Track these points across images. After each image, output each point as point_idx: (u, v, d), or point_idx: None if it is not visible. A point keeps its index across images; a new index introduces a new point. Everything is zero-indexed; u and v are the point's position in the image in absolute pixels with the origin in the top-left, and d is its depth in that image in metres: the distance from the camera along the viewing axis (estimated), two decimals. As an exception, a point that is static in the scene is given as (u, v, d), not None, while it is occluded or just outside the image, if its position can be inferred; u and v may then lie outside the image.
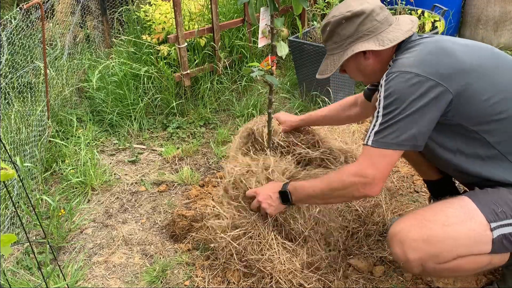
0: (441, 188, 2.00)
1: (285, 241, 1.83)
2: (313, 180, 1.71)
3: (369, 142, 1.46)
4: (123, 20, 4.28)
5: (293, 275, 1.78)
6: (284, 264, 1.78)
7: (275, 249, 1.79)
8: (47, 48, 3.19)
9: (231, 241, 1.84)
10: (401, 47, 1.58)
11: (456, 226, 1.42)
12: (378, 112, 1.46)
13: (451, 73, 1.42)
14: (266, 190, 1.78)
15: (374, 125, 1.46)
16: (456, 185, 2.04)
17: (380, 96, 1.47)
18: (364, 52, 1.60)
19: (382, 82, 1.48)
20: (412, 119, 1.41)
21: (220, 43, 3.47)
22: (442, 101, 1.41)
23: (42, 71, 2.90)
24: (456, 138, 1.51)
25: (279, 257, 1.78)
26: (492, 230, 1.41)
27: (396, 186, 2.38)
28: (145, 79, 3.26)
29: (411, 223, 1.47)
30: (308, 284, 1.81)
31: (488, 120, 1.45)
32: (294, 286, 1.80)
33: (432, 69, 1.42)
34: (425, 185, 2.15)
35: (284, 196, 1.72)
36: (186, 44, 3.24)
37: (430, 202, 2.12)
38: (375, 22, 1.57)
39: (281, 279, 1.77)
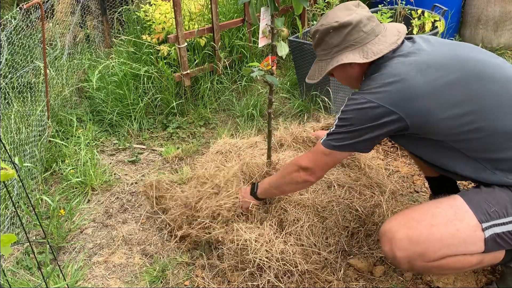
0: (441, 185, 2.02)
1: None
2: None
3: (321, 141, 1.68)
4: (123, 20, 4.28)
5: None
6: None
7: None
8: (47, 48, 3.19)
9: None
10: (374, 62, 1.64)
11: (442, 227, 1.46)
12: (335, 120, 1.65)
13: (404, 100, 1.49)
14: (246, 187, 2.12)
15: (330, 129, 1.67)
16: (457, 182, 2.04)
17: (342, 108, 1.63)
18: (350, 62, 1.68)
19: (348, 97, 1.63)
20: (357, 134, 1.57)
21: (220, 43, 3.47)
22: (392, 126, 1.52)
23: (42, 71, 2.90)
24: (430, 147, 1.58)
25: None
26: (483, 230, 1.43)
27: (396, 186, 2.38)
28: (145, 79, 3.26)
29: (399, 222, 1.53)
30: (308, 285, 1.81)
31: (455, 132, 1.49)
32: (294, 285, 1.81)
33: (387, 97, 1.51)
34: (427, 182, 2.15)
35: (253, 187, 2.03)
36: (186, 44, 3.24)
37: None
38: (361, 33, 1.62)
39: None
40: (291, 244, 1.88)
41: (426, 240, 1.45)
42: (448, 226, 1.45)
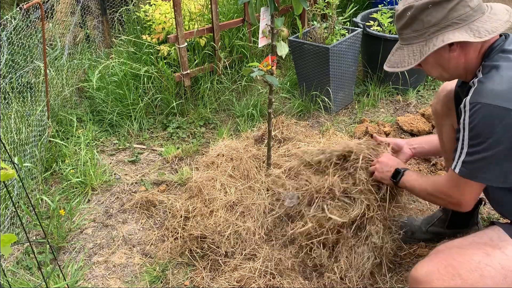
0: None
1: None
2: (424, 177, 1.68)
3: (456, 170, 1.38)
4: (123, 20, 4.28)
5: None
6: None
7: None
8: (47, 48, 3.19)
9: None
10: (491, 53, 1.38)
11: None
12: (463, 138, 1.34)
13: None
14: (390, 160, 1.79)
15: (461, 153, 1.36)
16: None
17: (464, 122, 1.33)
18: (450, 44, 1.39)
19: (466, 108, 1.33)
20: (499, 159, 1.29)
21: (220, 43, 3.47)
22: None
23: (42, 71, 2.90)
24: None
25: None
26: None
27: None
28: (145, 79, 3.26)
29: (440, 274, 1.33)
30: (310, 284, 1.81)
31: None
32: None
33: None
34: None
35: (396, 173, 1.72)
36: (186, 44, 3.24)
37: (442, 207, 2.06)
38: (468, 9, 1.35)
39: None
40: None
41: None
42: None
